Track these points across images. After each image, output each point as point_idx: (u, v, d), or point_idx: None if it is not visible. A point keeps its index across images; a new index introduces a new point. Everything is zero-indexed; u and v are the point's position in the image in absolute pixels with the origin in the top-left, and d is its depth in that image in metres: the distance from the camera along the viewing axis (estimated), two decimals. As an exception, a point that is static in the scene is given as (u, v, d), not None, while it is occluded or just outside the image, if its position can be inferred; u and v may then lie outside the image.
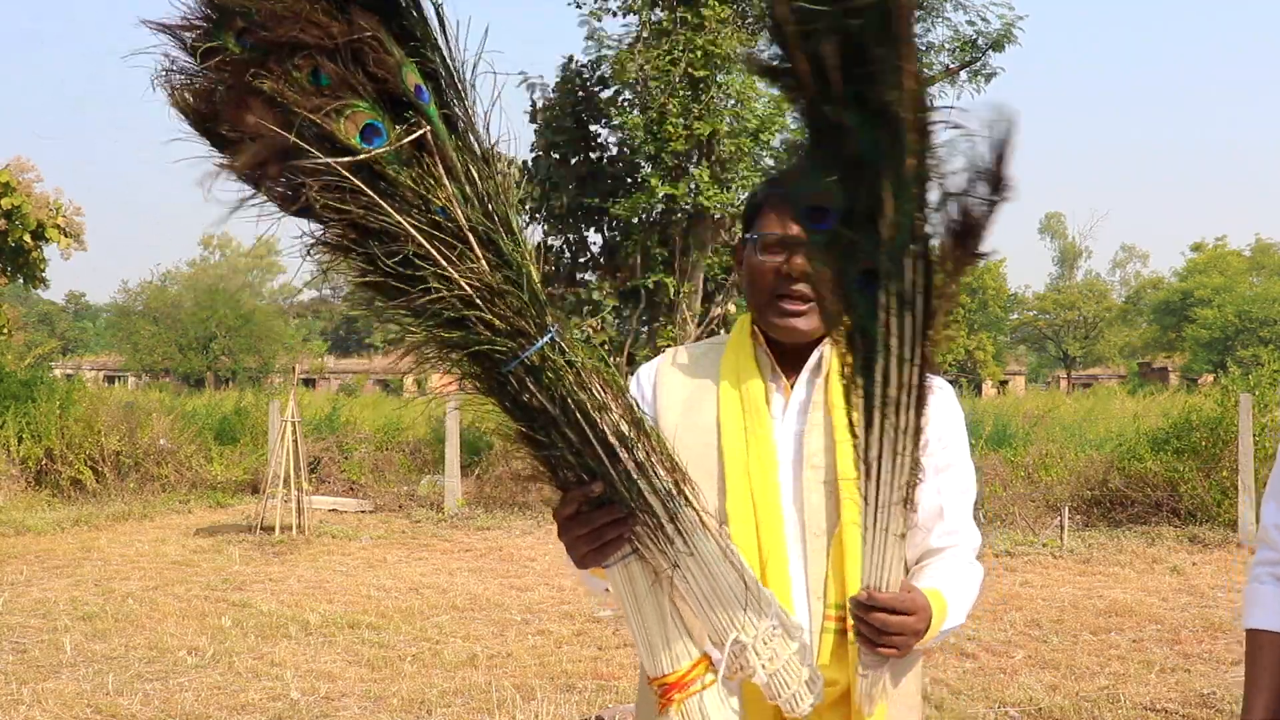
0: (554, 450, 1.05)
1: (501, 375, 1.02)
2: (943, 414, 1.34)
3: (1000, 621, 5.34)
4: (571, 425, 1.02)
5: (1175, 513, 7.95)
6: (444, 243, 1.00)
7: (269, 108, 0.98)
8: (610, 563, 1.10)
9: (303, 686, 4.25)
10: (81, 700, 4.05)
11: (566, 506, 1.08)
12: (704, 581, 1.08)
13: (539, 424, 1.04)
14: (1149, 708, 4.01)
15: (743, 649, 1.08)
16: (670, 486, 1.06)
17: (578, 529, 1.08)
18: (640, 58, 9.40)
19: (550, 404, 1.01)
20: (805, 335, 1.29)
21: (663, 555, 1.08)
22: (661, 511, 1.05)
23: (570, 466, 1.05)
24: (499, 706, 3.99)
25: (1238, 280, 36.26)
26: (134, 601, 5.75)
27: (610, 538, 1.08)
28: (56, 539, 7.89)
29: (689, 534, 1.06)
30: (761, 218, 1.31)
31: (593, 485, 1.05)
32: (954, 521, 1.32)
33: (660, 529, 1.06)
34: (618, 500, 1.05)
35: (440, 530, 8.51)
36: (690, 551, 1.07)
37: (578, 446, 1.03)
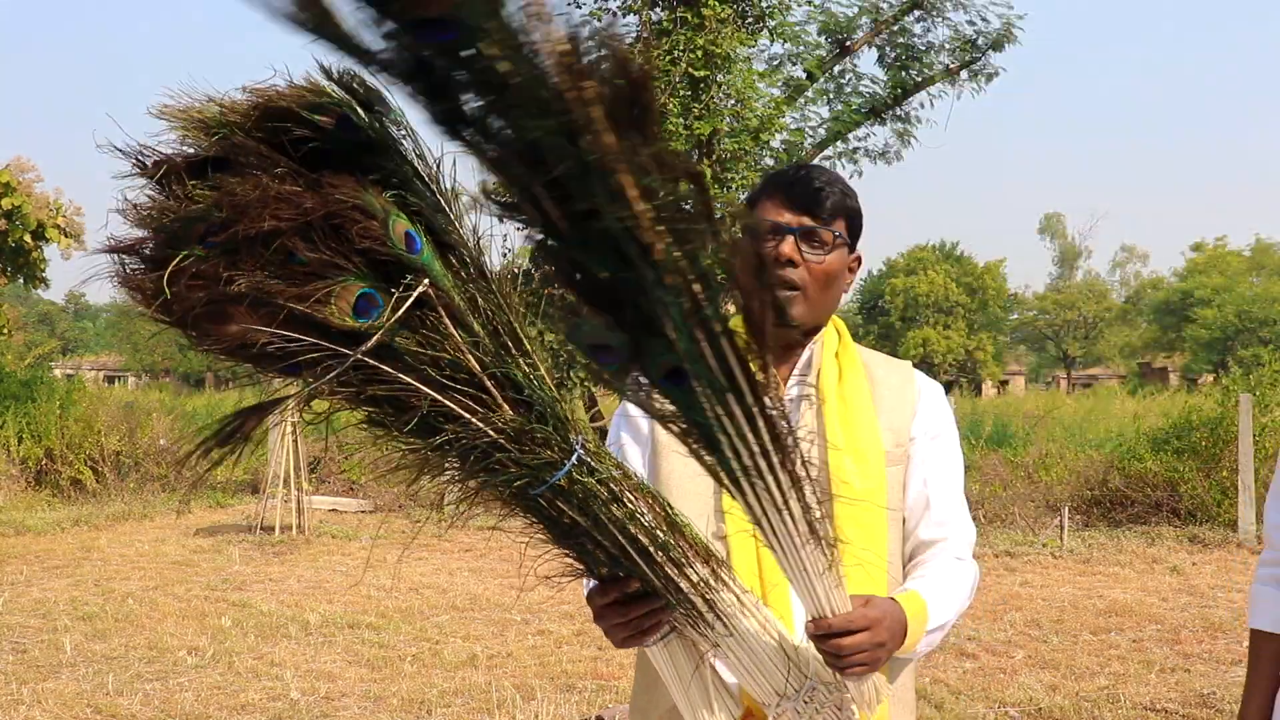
0: (588, 555, 1.05)
1: (530, 499, 1.01)
2: (928, 409, 1.35)
3: (1000, 621, 5.34)
4: (604, 534, 1.01)
5: (1175, 513, 7.95)
6: (459, 393, 0.96)
7: (251, 308, 0.92)
8: (649, 644, 1.12)
9: (303, 686, 4.24)
10: (81, 700, 4.05)
11: (603, 598, 1.09)
12: (744, 655, 1.09)
13: (572, 536, 1.04)
14: (1149, 708, 4.01)
15: (785, 711, 1.11)
16: (707, 576, 1.05)
17: (615, 618, 1.09)
18: (640, 57, 9.38)
19: (582, 518, 1.01)
20: (791, 321, 1.30)
21: (703, 639, 1.09)
22: (700, 602, 1.05)
23: (605, 563, 1.06)
24: (499, 706, 3.99)
25: (1238, 280, 36.26)
26: (134, 601, 5.75)
27: (648, 625, 1.09)
28: (56, 539, 7.89)
29: (727, 617, 1.07)
30: (759, 206, 1.32)
31: (629, 582, 1.05)
32: (941, 513, 1.32)
33: (700, 617, 1.06)
34: (653, 593, 1.05)
35: (440, 530, 8.50)
36: (729, 633, 1.08)
37: (612, 552, 1.03)
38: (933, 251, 39.89)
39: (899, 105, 11.04)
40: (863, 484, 1.26)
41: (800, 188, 1.30)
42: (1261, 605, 1.40)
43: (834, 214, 1.30)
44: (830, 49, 10.78)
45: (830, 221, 1.30)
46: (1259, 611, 1.40)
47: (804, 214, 1.29)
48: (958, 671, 4.48)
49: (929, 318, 38.04)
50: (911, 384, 1.36)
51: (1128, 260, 52.21)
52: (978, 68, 10.99)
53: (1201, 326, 33.83)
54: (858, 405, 1.30)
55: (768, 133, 9.78)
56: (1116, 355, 42.56)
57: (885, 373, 1.36)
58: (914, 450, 1.33)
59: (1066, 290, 46.02)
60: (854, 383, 1.32)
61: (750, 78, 9.69)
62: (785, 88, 10.47)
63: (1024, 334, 46.25)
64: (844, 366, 1.33)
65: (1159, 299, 40.17)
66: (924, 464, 1.33)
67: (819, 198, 1.30)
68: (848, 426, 1.29)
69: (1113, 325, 43.26)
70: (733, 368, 0.90)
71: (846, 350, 1.35)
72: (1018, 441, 9.92)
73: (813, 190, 1.30)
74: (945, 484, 1.34)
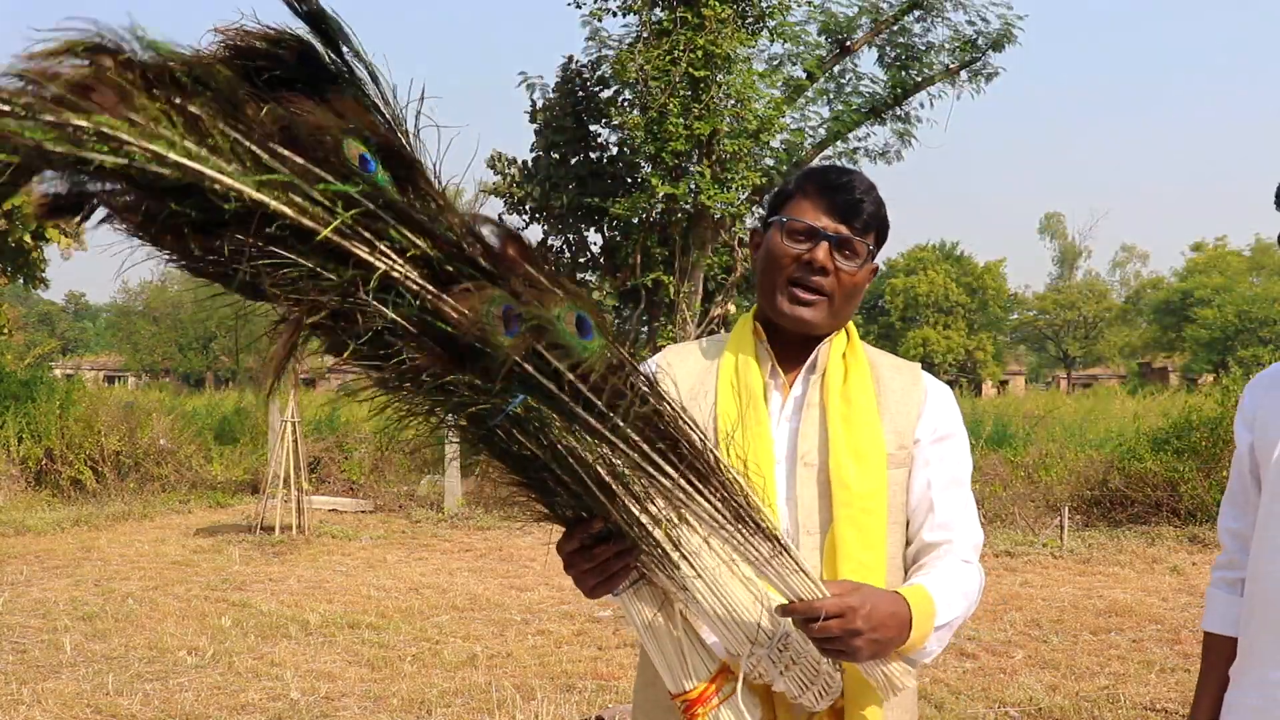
0: (551, 495, 1.05)
1: (488, 429, 0.99)
2: (934, 411, 1.34)
3: (1000, 621, 5.34)
4: (564, 469, 1.00)
5: (1175, 513, 7.94)
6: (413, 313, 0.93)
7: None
8: (618, 591, 1.12)
9: (303, 686, 4.23)
10: (81, 700, 4.04)
11: (569, 543, 1.09)
12: (714, 600, 1.09)
13: (531, 471, 1.03)
14: (1149, 708, 4.00)
15: (759, 660, 1.10)
16: (670, 515, 1.05)
17: (583, 564, 1.09)
18: (640, 57, 9.40)
19: (540, 451, 0.99)
20: (811, 327, 1.30)
21: (670, 580, 1.09)
22: (662, 539, 1.05)
23: (569, 505, 1.05)
24: (499, 706, 3.98)
25: (1238, 280, 36.24)
26: (134, 601, 5.74)
27: (615, 569, 1.09)
28: (56, 539, 7.87)
29: (693, 557, 1.07)
30: (793, 204, 1.32)
31: (592, 523, 1.05)
32: (945, 515, 1.31)
33: (665, 557, 1.06)
34: (619, 534, 1.05)
35: (440, 530, 8.50)
36: (696, 574, 1.07)
37: (573, 488, 1.02)
38: (933, 251, 39.90)
39: (899, 105, 11.03)
40: (863, 486, 1.25)
41: (842, 195, 1.29)
42: (1213, 607, 1.42)
43: (869, 226, 1.30)
44: (830, 49, 10.77)
45: (865, 233, 1.30)
46: (1211, 613, 1.43)
47: (841, 222, 1.29)
48: (958, 671, 4.48)
49: (929, 317, 38.04)
50: (918, 385, 1.35)
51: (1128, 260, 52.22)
52: (978, 68, 10.98)
53: (1201, 326, 33.81)
54: (861, 407, 1.29)
55: (768, 133, 9.78)
56: (1116, 355, 42.55)
57: (891, 374, 1.35)
58: (918, 452, 1.32)
59: (1066, 290, 46.00)
60: (859, 384, 1.31)
61: (750, 78, 9.70)
62: (785, 88, 10.47)
63: (1024, 334, 46.24)
64: (850, 368, 1.32)
65: (1159, 299, 40.13)
66: (928, 466, 1.31)
67: (859, 208, 1.29)
68: (850, 428, 1.28)
69: (1113, 325, 43.24)
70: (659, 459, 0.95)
71: (854, 351, 1.34)
72: (1018, 441, 9.91)
73: (854, 199, 1.29)
74: (950, 486, 1.32)
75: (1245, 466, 1.39)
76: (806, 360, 1.33)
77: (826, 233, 1.28)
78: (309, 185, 0.88)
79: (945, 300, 37.91)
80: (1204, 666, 1.42)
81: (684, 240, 9.89)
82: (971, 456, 1.40)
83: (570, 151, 10.16)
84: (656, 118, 9.38)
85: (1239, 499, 1.40)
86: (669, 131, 9.34)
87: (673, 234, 9.90)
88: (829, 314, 1.30)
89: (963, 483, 1.34)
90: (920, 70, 10.91)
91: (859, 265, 1.30)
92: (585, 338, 0.94)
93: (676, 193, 9.47)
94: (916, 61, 10.85)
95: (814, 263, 1.27)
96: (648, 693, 1.33)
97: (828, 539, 1.25)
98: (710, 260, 10.16)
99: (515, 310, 0.91)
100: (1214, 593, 1.43)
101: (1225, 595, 1.41)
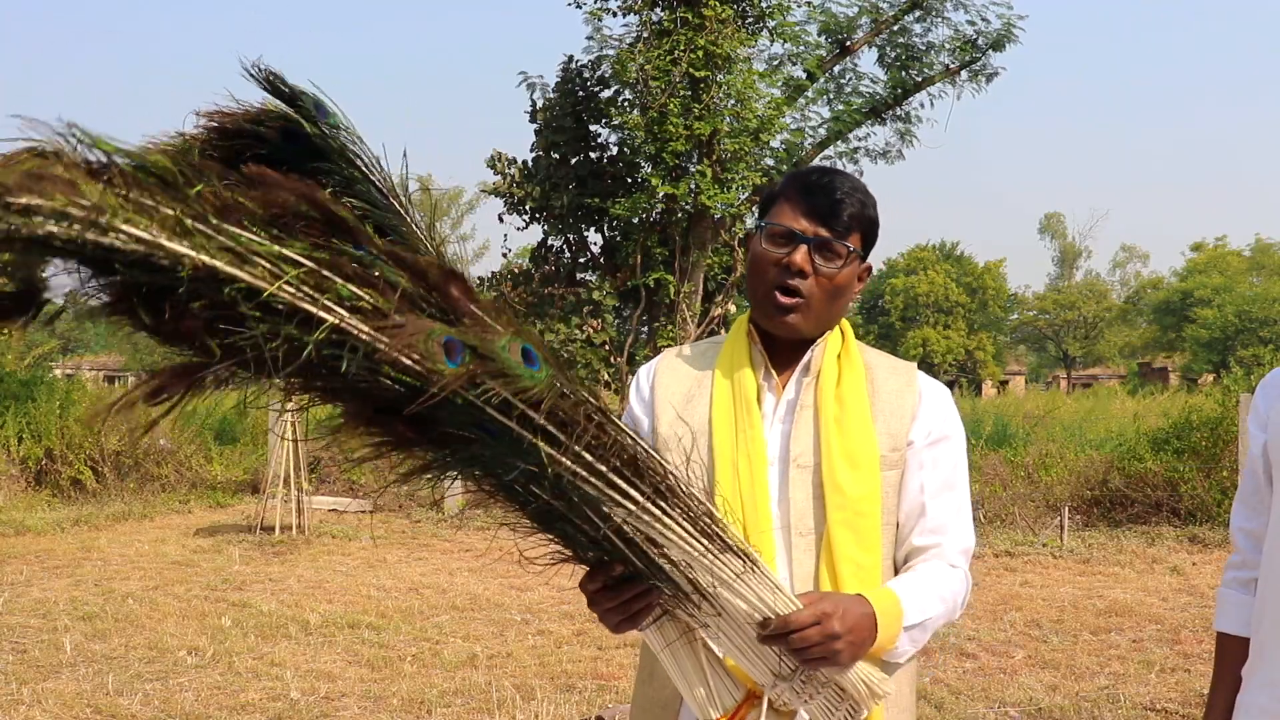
0: (571, 541, 1.06)
1: (506, 482, 1.01)
2: (928, 413, 1.33)
3: (1000, 621, 5.34)
4: (582, 519, 1.02)
5: (1175, 513, 7.94)
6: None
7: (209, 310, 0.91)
8: (643, 627, 1.13)
9: (302, 686, 4.22)
10: (81, 700, 4.03)
11: (592, 583, 1.10)
12: (736, 636, 1.10)
13: (551, 520, 1.04)
14: (1149, 708, 4.00)
15: (783, 691, 1.11)
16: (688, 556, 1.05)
17: (606, 603, 1.10)
18: (641, 57, 9.38)
19: (557, 502, 1.00)
20: (793, 331, 1.30)
21: (692, 618, 1.10)
22: (683, 581, 1.06)
23: (589, 549, 1.07)
24: (499, 706, 3.97)
25: (1238, 280, 36.25)
26: (134, 601, 5.73)
27: (638, 608, 1.10)
28: (56, 539, 7.86)
29: (714, 597, 1.07)
30: (775, 207, 1.31)
31: (613, 568, 1.07)
32: (937, 519, 1.30)
33: (686, 597, 1.07)
34: (639, 576, 1.06)
35: (440, 530, 8.49)
36: (718, 612, 1.08)
37: (592, 536, 1.03)
38: (933, 251, 39.91)
39: (899, 105, 11.01)
40: (857, 489, 1.25)
41: (820, 197, 1.28)
42: (1226, 608, 1.42)
43: (850, 226, 1.29)
44: (830, 49, 10.76)
45: (846, 234, 1.28)
46: (1223, 614, 1.42)
47: (820, 224, 1.27)
48: (957, 671, 4.48)
49: (929, 317, 38.05)
50: (912, 387, 1.33)
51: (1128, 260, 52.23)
52: (978, 68, 10.96)
53: (1201, 326, 33.78)
54: (854, 408, 1.28)
55: (768, 133, 9.77)
56: (1116, 355, 42.55)
57: (886, 375, 1.34)
58: (911, 455, 1.31)
59: (1066, 290, 46.01)
60: (852, 386, 1.30)
61: (750, 78, 9.69)
62: (785, 88, 10.45)
63: (1024, 334, 46.24)
64: (844, 369, 1.31)
65: (1159, 299, 40.12)
66: (922, 470, 1.30)
67: (837, 209, 1.27)
68: (843, 430, 1.27)
69: (1113, 325, 43.23)
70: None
71: (849, 352, 1.33)
72: (1018, 441, 9.89)
73: (833, 201, 1.27)
74: (943, 490, 1.31)
75: (1259, 466, 1.38)
76: (799, 362, 1.32)
77: (804, 235, 1.27)
78: (249, 251, 0.86)
79: (945, 300, 37.92)
80: (1217, 668, 1.41)
81: (684, 240, 9.87)
82: (971, 457, 1.41)
83: (570, 151, 10.13)
84: (657, 118, 9.37)
85: (1252, 499, 1.40)
86: (669, 131, 9.32)
87: (673, 234, 9.89)
88: (809, 317, 1.29)
89: (956, 486, 1.33)
90: (920, 70, 10.89)
91: (839, 267, 1.28)
92: (531, 367, 0.94)
93: (677, 193, 9.46)
94: (917, 61, 10.84)
95: (791, 266, 1.26)
96: (645, 690, 1.34)
97: (824, 543, 1.25)
98: (710, 260, 10.16)
99: (457, 339, 0.90)
100: (1226, 593, 1.42)
101: (1238, 595, 1.40)
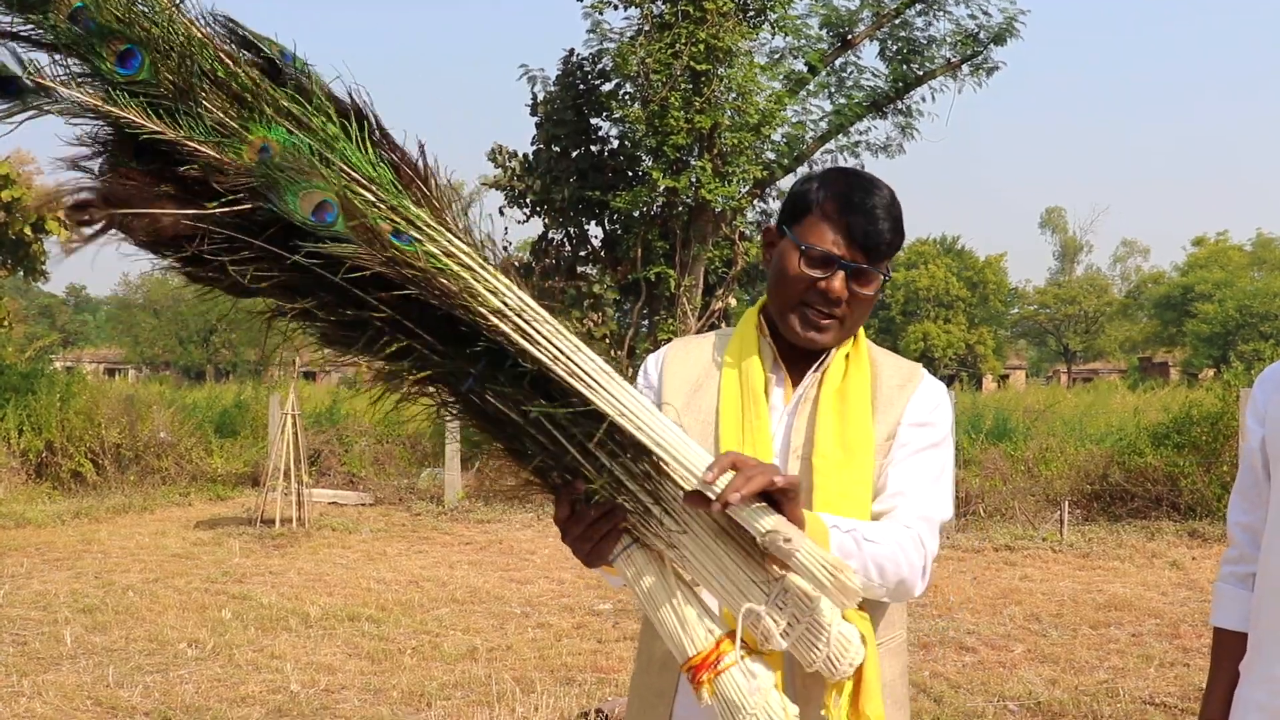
0: (534, 458, 1.07)
1: (466, 395, 1.04)
2: (918, 401, 1.33)
3: (999, 615, 5.34)
4: (539, 429, 1.04)
5: (1175, 507, 7.93)
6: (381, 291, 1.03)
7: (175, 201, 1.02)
8: (614, 556, 1.11)
9: (302, 679, 4.23)
10: (82, 692, 4.04)
11: (560, 510, 1.10)
12: (704, 556, 1.07)
13: (510, 434, 1.06)
14: (1148, 701, 4.00)
15: (757, 617, 1.06)
16: (649, 469, 1.06)
17: (574, 529, 1.10)
18: (642, 51, 9.36)
19: (512, 412, 1.03)
20: (821, 345, 1.30)
21: (658, 538, 1.08)
22: (645, 495, 1.06)
23: (554, 469, 1.07)
24: (499, 699, 3.97)
25: (1239, 275, 36.12)
26: (134, 594, 5.74)
27: (605, 531, 1.09)
28: (57, 531, 7.87)
29: (678, 513, 1.07)
30: (810, 222, 1.28)
31: (575, 484, 1.07)
32: (897, 485, 1.29)
33: (648, 512, 1.07)
34: (602, 492, 1.06)
35: (440, 523, 8.50)
36: (682, 529, 1.07)
37: (550, 448, 1.04)
38: (933, 245, 39.80)
39: (900, 99, 10.97)
40: (846, 476, 1.26)
41: (861, 220, 1.25)
42: (1223, 603, 1.41)
43: (888, 253, 1.28)
44: (832, 42, 10.72)
45: (883, 260, 1.28)
46: (1220, 609, 1.41)
47: (860, 252, 1.26)
48: (957, 665, 4.48)
49: (929, 312, 37.96)
50: (912, 382, 1.35)
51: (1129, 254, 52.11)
52: (979, 61, 10.92)
53: (1202, 321, 33.71)
54: (855, 403, 1.30)
55: (769, 126, 9.74)
56: (1117, 350, 42.47)
57: (891, 373, 1.35)
58: (896, 434, 1.32)
59: (1067, 285, 45.91)
60: (857, 382, 1.31)
61: (751, 71, 9.65)
62: (786, 81, 10.42)
63: (1024, 328, 46.15)
64: (850, 367, 1.32)
65: (1160, 293, 40.02)
66: (898, 447, 1.30)
67: (879, 238, 1.26)
68: (841, 421, 1.28)
69: (1113, 320, 43.14)
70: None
71: (857, 352, 1.34)
72: (1018, 436, 9.86)
73: (875, 229, 1.26)
74: (911, 463, 1.30)
75: (1257, 461, 1.37)
76: (811, 355, 1.33)
77: (845, 262, 1.25)
78: None
79: (946, 295, 37.81)
80: (1214, 663, 1.41)
81: (685, 234, 9.85)
82: (971, 451, 1.40)
83: (571, 145, 10.10)
84: (657, 111, 9.34)
85: (1250, 493, 1.39)
86: (670, 125, 9.30)
87: (673, 228, 9.86)
88: (841, 334, 1.30)
89: (927, 462, 1.31)
90: (922, 64, 10.85)
91: (875, 291, 1.29)
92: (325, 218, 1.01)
93: (677, 186, 9.44)
94: (918, 55, 10.80)
95: (829, 293, 1.25)
96: (643, 678, 1.34)
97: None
98: (711, 254, 10.13)
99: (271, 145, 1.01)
100: (1223, 588, 1.42)
101: (1235, 590, 1.39)
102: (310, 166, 1.00)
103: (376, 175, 1.03)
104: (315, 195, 1.00)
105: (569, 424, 1.05)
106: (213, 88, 1.00)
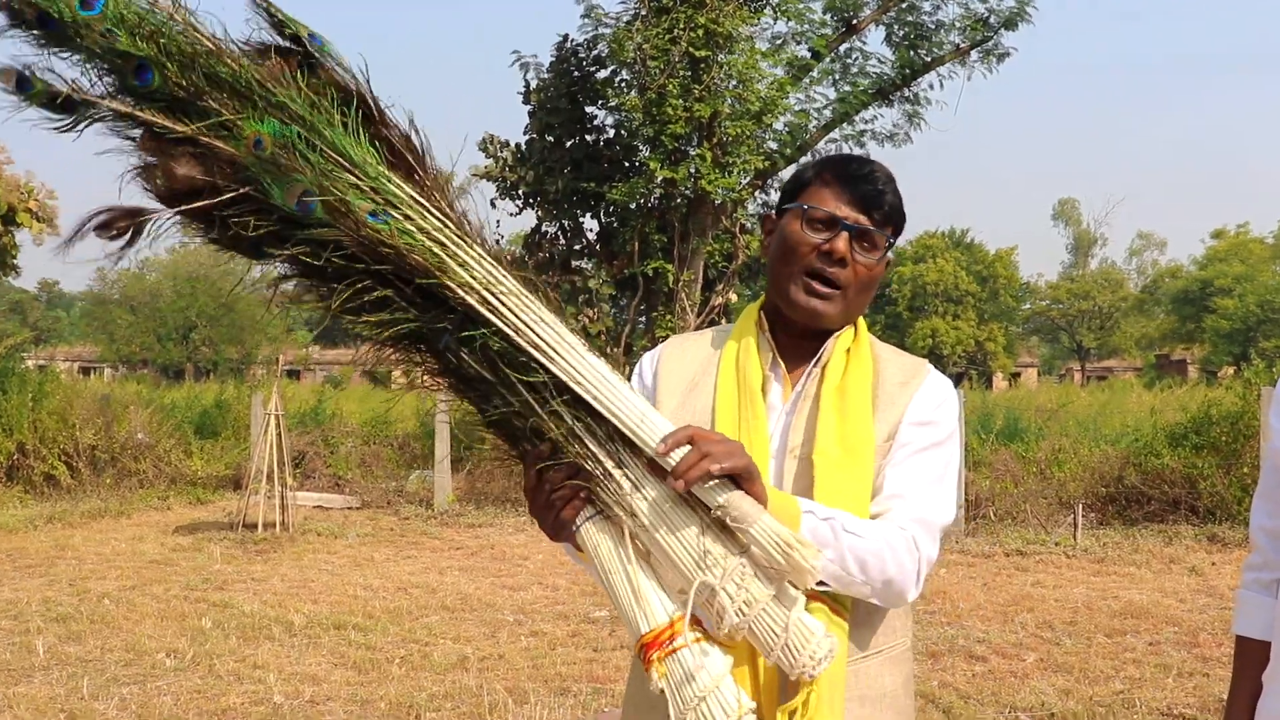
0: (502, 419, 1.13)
1: (443, 353, 1.13)
2: (922, 398, 1.33)
3: (1011, 623, 5.29)
4: (507, 387, 1.11)
5: (1194, 511, 7.87)
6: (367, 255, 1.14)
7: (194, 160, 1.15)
8: (577, 524, 1.12)
9: (286, 690, 4.18)
10: (55, 705, 3.98)
11: (527, 478, 1.14)
12: (663, 528, 1.08)
13: (482, 393, 1.13)
14: (1165, 713, 3.94)
15: (712, 593, 1.04)
16: (610, 432, 1.10)
17: (539, 497, 1.13)
18: (639, 36, 9.26)
19: (485, 370, 1.11)
20: (823, 320, 1.31)
21: (619, 506, 1.10)
22: (606, 459, 1.10)
23: (524, 435, 1.12)
24: (490, 710, 3.92)
25: (1260, 269, 35.77)
26: (110, 602, 5.69)
27: (566, 496, 1.11)
28: (29, 537, 7.81)
29: (639, 481, 1.09)
30: (811, 191, 1.32)
31: (540, 446, 1.11)
32: (895, 486, 1.28)
33: (609, 476, 1.10)
34: (565, 456, 1.11)
35: (430, 528, 8.44)
36: (644, 497, 1.09)
37: (518, 408, 1.11)
38: (942, 239, 39.57)
39: (907, 86, 10.87)
40: (845, 473, 1.25)
41: (865, 185, 1.30)
42: (1245, 610, 1.40)
43: (888, 219, 1.31)
44: (836, 27, 10.60)
45: (884, 226, 1.31)
46: (1242, 616, 1.40)
47: (862, 213, 1.29)
48: (967, 675, 4.42)
49: (937, 307, 37.75)
50: (916, 379, 1.34)
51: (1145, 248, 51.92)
52: (989, 47, 10.81)
53: (1222, 317, 33.46)
54: (856, 401, 1.29)
55: (771, 115, 9.65)
56: (1133, 347, 42.25)
57: (894, 370, 1.35)
58: (897, 434, 1.31)
59: (1081, 279, 45.75)
60: (858, 379, 1.31)
61: (753, 57, 9.55)
62: (789, 68, 10.30)
63: (1036, 324, 46.01)
64: (851, 363, 1.32)
65: (1177, 288, 39.70)
66: (898, 448, 1.29)
67: (880, 199, 1.30)
68: (841, 419, 1.28)
69: (1129, 315, 42.96)
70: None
71: (859, 347, 1.34)
72: (1030, 436, 9.86)
73: (876, 191, 1.30)
74: (911, 463, 1.29)
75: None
76: (810, 354, 1.33)
77: (847, 223, 1.28)
78: None
79: (954, 289, 37.62)
80: (1236, 673, 1.39)
81: (683, 226, 9.77)
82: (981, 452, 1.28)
83: (565, 134, 10.01)
84: (655, 99, 9.25)
85: (1273, 496, 1.37)
86: (668, 113, 9.20)
87: (672, 220, 9.80)
88: (843, 307, 1.31)
89: (928, 463, 1.30)
90: (930, 50, 10.74)
91: (877, 259, 1.30)
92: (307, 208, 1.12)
93: (676, 177, 9.35)
94: (926, 41, 10.68)
95: (833, 253, 1.28)
96: (637, 686, 1.34)
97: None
98: (711, 247, 10.04)
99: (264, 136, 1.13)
100: (1246, 595, 1.40)
101: (1258, 597, 1.38)
102: (294, 162, 1.11)
103: (360, 158, 1.13)
104: (297, 187, 1.12)
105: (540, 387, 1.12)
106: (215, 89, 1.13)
